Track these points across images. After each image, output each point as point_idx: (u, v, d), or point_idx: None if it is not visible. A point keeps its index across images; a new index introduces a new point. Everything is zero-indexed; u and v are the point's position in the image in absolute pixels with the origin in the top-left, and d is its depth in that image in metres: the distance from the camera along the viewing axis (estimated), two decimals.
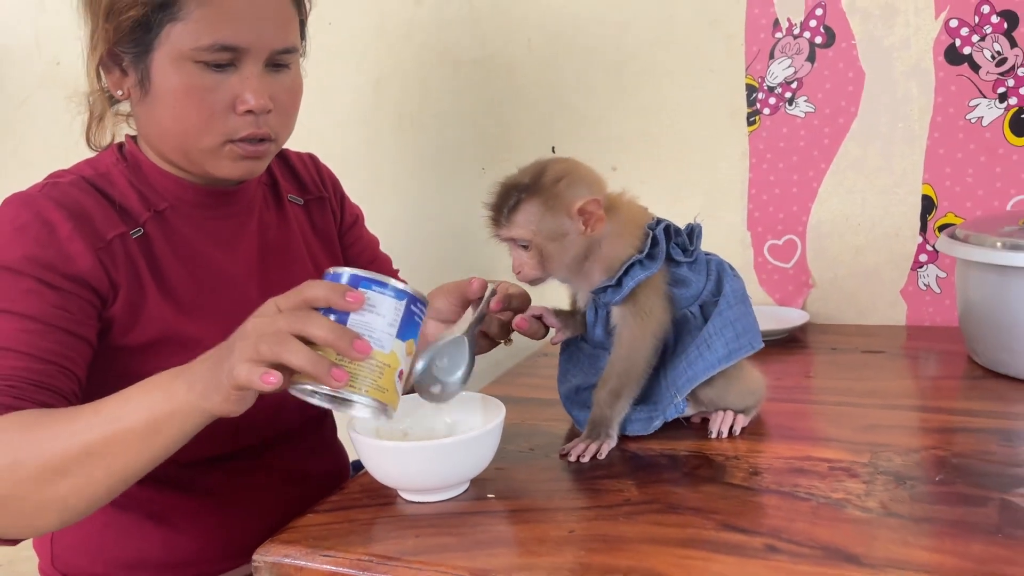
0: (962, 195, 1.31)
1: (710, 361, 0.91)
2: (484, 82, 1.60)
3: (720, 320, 0.92)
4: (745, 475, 0.84)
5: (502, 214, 0.89)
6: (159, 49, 0.89)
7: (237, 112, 0.91)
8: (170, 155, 0.95)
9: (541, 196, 0.88)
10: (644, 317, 0.91)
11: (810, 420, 1.00)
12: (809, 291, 1.44)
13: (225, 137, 0.92)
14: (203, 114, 0.90)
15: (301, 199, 1.13)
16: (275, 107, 0.93)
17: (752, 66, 1.40)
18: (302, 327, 0.69)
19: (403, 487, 0.84)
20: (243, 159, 0.94)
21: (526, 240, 0.89)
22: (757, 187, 1.43)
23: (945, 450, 0.87)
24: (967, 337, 1.16)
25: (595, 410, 0.93)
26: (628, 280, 0.90)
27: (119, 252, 0.91)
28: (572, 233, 0.89)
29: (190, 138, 0.92)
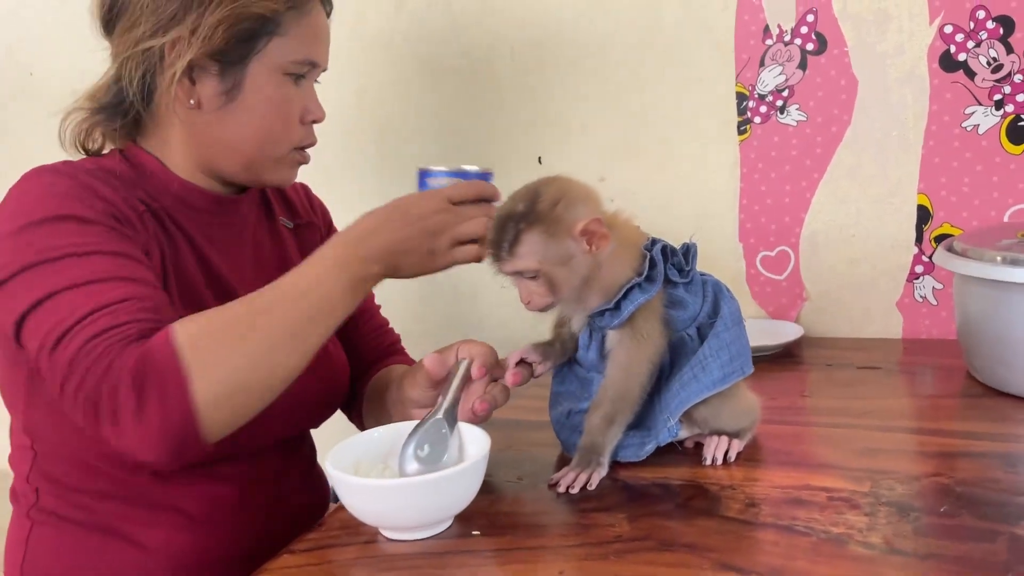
0: (958, 205, 1.28)
1: (705, 383, 0.88)
2: (467, 91, 1.56)
3: (717, 342, 0.89)
4: (741, 507, 0.81)
5: (503, 248, 0.86)
6: (258, 60, 0.93)
7: (304, 122, 0.98)
8: (228, 163, 0.98)
9: (542, 223, 0.84)
10: (641, 341, 0.88)
11: (807, 444, 0.96)
12: (803, 304, 1.40)
13: (295, 145, 0.99)
14: (286, 123, 0.97)
15: (291, 223, 1.14)
16: None
17: (742, 74, 1.37)
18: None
19: (383, 525, 0.80)
20: (297, 165, 1.01)
21: (533, 271, 0.86)
22: (748, 197, 1.40)
23: (948, 477, 0.84)
24: (966, 352, 1.13)
25: (586, 436, 0.90)
26: (627, 304, 0.87)
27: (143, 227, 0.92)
28: (578, 255, 0.86)
29: (268, 145, 0.97)
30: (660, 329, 0.89)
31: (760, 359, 1.27)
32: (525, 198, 0.86)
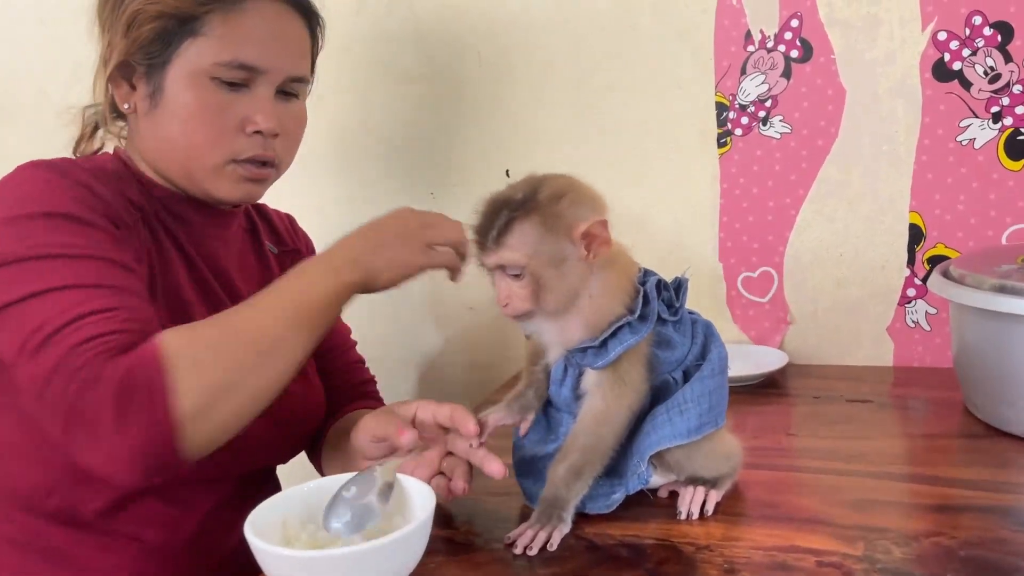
0: (953, 224, 1.20)
1: (680, 430, 0.79)
2: (431, 100, 1.46)
3: (700, 387, 0.81)
4: (719, 573, 0.72)
5: (489, 236, 0.75)
6: (176, 63, 0.89)
7: (246, 132, 0.91)
8: (169, 171, 0.94)
9: (539, 214, 0.74)
10: (622, 388, 0.79)
11: (793, 494, 0.87)
12: (787, 328, 1.31)
13: (230, 156, 0.92)
14: (212, 131, 0.90)
15: (276, 249, 1.12)
16: (282, 133, 0.94)
17: (722, 82, 1.28)
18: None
19: None
20: (245, 181, 0.94)
21: (519, 266, 0.75)
22: (729, 215, 1.31)
23: (951, 537, 0.75)
24: (964, 387, 1.04)
25: (549, 488, 0.80)
26: (615, 344, 0.77)
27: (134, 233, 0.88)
28: (572, 259, 0.76)
29: (195, 155, 0.91)
30: (644, 375, 0.80)
31: (742, 390, 1.18)
32: (525, 187, 0.76)
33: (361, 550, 0.66)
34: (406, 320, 1.57)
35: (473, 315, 1.51)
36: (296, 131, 0.99)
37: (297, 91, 0.97)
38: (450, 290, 1.53)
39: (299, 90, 0.98)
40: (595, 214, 0.76)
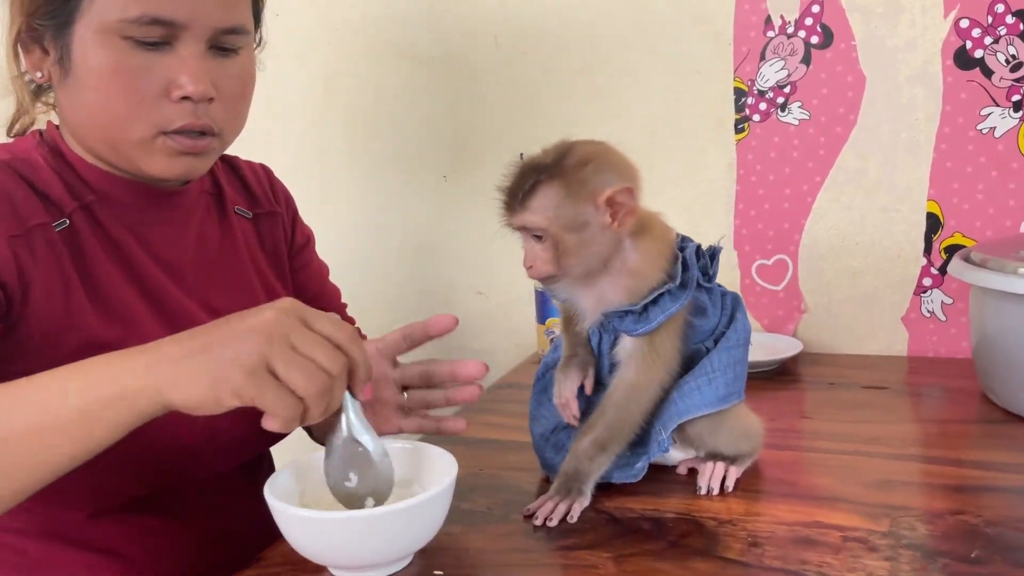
0: (971, 213, 1.19)
1: (708, 398, 0.79)
2: (445, 82, 1.45)
3: (728, 356, 0.81)
4: (743, 547, 0.71)
5: (516, 198, 0.76)
6: (80, 21, 0.76)
7: (172, 99, 0.78)
8: (97, 148, 0.83)
9: (562, 179, 0.74)
10: (656, 360, 0.79)
11: (812, 473, 0.86)
12: (801, 317, 1.31)
13: (157, 128, 0.79)
14: (132, 99, 0.77)
15: (250, 212, 1.00)
16: (219, 96, 0.81)
17: (741, 68, 1.27)
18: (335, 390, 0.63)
19: (330, 563, 0.69)
20: (180, 155, 0.81)
21: (540, 229, 0.75)
22: (745, 201, 1.30)
23: (976, 516, 0.74)
24: (982, 374, 1.03)
25: (570, 461, 0.80)
26: (657, 312, 0.77)
27: (39, 244, 0.77)
28: (595, 225, 0.75)
29: (117, 128, 0.79)
30: (678, 348, 0.80)
31: (755, 375, 1.17)
32: (555, 152, 0.76)
33: (378, 513, 0.65)
34: (414, 305, 1.55)
35: (483, 300, 1.50)
36: (237, 93, 0.85)
37: (235, 44, 0.82)
38: (459, 275, 1.53)
39: (238, 43, 0.83)
40: (621, 181, 0.75)
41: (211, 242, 0.94)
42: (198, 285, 0.90)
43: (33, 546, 0.83)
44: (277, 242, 1.02)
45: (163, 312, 0.84)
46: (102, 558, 0.84)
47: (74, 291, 0.79)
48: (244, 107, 0.87)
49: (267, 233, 1.01)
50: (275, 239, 1.02)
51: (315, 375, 0.60)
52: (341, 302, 1.12)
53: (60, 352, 0.77)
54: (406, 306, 1.56)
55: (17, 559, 0.84)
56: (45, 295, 0.77)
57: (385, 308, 1.54)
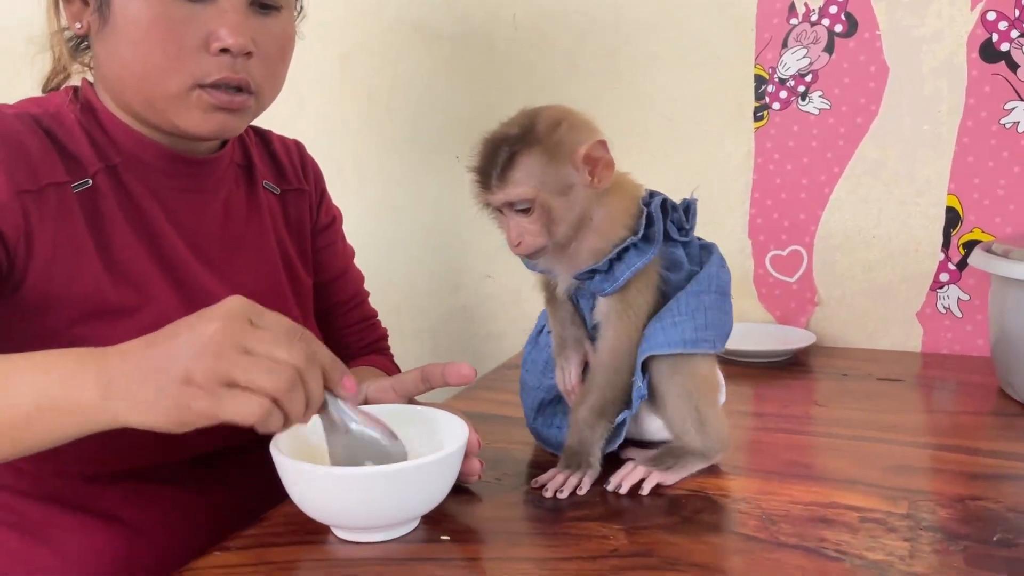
0: (991, 209, 1.18)
1: (673, 338, 0.76)
2: (462, 61, 1.44)
3: (695, 302, 0.77)
4: (759, 524, 0.69)
5: (493, 174, 0.73)
6: None
7: (210, 51, 0.77)
8: (132, 102, 0.81)
9: (541, 145, 0.73)
10: (630, 318, 0.77)
11: (827, 457, 0.85)
12: (814, 309, 1.29)
13: (194, 80, 0.78)
14: (170, 50, 0.76)
15: (278, 188, 0.99)
16: (258, 53, 0.80)
17: (763, 55, 1.26)
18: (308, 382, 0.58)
19: (336, 523, 0.67)
20: (215, 110, 0.80)
21: (528, 200, 0.73)
22: (761, 190, 1.29)
23: (996, 502, 0.72)
24: (1000, 367, 1.02)
25: (572, 434, 0.78)
26: (622, 268, 0.75)
27: (51, 203, 0.76)
28: (578, 186, 0.74)
29: (154, 80, 0.78)
30: (651, 302, 0.77)
31: (767, 365, 1.16)
32: (520, 121, 0.75)
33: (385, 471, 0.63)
34: (422, 287, 1.54)
35: (491, 283, 1.49)
36: (276, 51, 0.84)
37: (277, 3, 0.82)
38: (468, 257, 1.51)
39: (279, 1, 0.83)
40: (592, 137, 0.74)
41: (237, 215, 0.92)
42: (220, 259, 0.88)
43: (31, 507, 0.82)
44: (302, 220, 1.01)
45: (180, 284, 0.83)
46: (101, 521, 0.82)
47: (86, 255, 0.78)
48: (282, 69, 0.86)
49: (293, 210, 1.00)
50: (300, 217, 1.01)
51: (278, 371, 0.55)
52: (363, 288, 1.11)
53: (67, 315, 0.76)
54: (414, 289, 1.54)
55: (15, 518, 0.82)
56: (51, 256, 0.75)
57: (395, 289, 1.53)
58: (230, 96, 0.79)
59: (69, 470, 0.81)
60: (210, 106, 0.79)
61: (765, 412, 1.00)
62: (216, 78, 0.78)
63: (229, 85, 0.79)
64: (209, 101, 0.79)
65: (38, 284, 0.75)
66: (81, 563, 0.81)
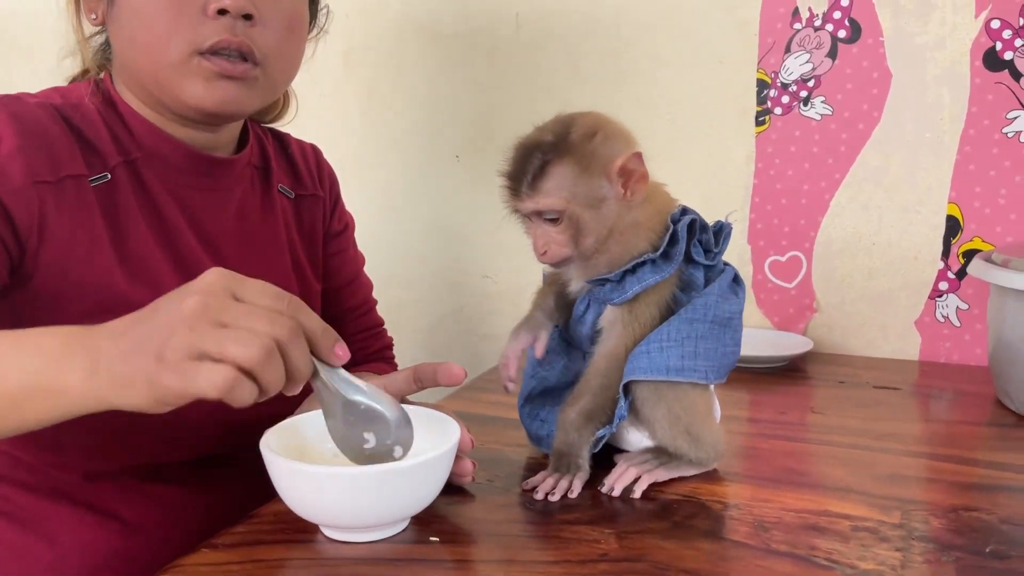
0: (992, 218, 1.17)
1: (657, 364, 0.73)
2: (464, 61, 1.44)
3: (688, 329, 0.74)
4: (750, 530, 0.69)
5: (524, 182, 0.72)
6: None
7: (208, 14, 0.76)
8: (143, 81, 0.81)
9: (574, 155, 0.71)
10: (635, 327, 0.76)
11: (822, 464, 0.84)
12: (812, 316, 1.28)
13: (193, 46, 0.77)
14: (169, 15, 0.76)
15: (293, 193, 0.99)
16: (260, 19, 0.79)
17: (765, 59, 1.25)
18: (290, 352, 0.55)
19: (325, 522, 0.67)
20: (218, 78, 0.78)
21: (558, 211, 0.72)
22: (761, 195, 1.28)
23: (989, 513, 0.72)
24: (998, 377, 1.01)
25: (560, 436, 0.78)
26: (633, 282, 0.74)
27: (69, 195, 0.76)
28: (610, 199, 0.73)
29: (156, 50, 0.77)
30: (658, 317, 0.76)
31: (763, 371, 1.15)
32: (555, 128, 0.73)
33: (375, 471, 0.63)
34: (421, 286, 1.54)
35: (489, 284, 1.48)
36: (280, 20, 0.81)
37: None
38: (467, 257, 1.51)
39: None
40: (628, 148, 0.73)
41: (251, 217, 0.92)
42: (232, 258, 0.88)
43: (28, 499, 0.82)
44: (315, 225, 1.01)
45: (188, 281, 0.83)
46: (98, 517, 0.82)
47: (101, 248, 0.77)
48: (289, 43, 0.84)
49: (306, 216, 1.00)
50: (313, 223, 1.01)
51: (250, 340, 0.52)
52: (372, 296, 1.11)
53: (80, 308, 0.76)
54: (412, 289, 1.54)
55: (10, 508, 0.82)
56: (67, 247, 0.75)
57: (393, 287, 1.52)
58: (232, 64, 0.78)
59: (70, 464, 0.81)
60: (212, 73, 0.78)
61: (761, 418, 1.00)
62: (214, 40, 0.76)
63: (230, 50, 0.77)
64: (210, 68, 0.77)
65: (52, 276, 0.75)
66: (75, 557, 0.81)
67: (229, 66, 0.78)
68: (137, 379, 0.53)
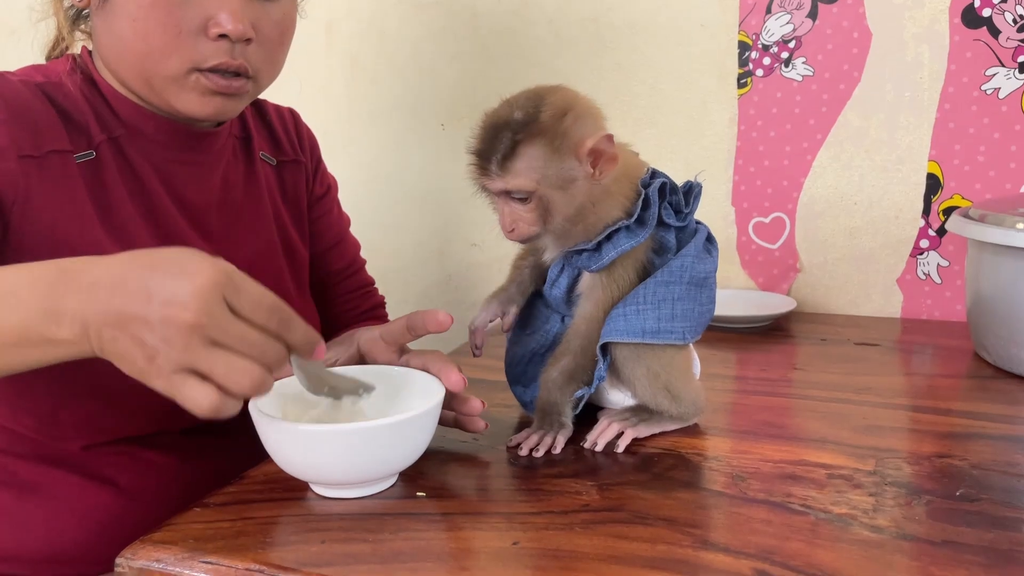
0: (971, 175, 1.18)
1: (633, 327, 0.75)
2: (446, 29, 1.44)
3: (664, 291, 0.76)
4: (727, 480, 0.70)
5: (493, 160, 0.72)
6: None
7: (209, 35, 0.77)
8: (130, 80, 0.81)
9: (545, 136, 0.71)
10: (612, 293, 0.77)
11: (800, 418, 0.86)
12: (796, 276, 1.30)
13: (192, 64, 0.78)
14: (169, 32, 0.76)
15: (274, 159, 1.00)
16: (257, 38, 0.80)
17: (746, 21, 1.26)
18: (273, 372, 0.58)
19: (314, 479, 0.69)
20: (212, 94, 0.80)
21: (527, 191, 0.72)
22: (744, 157, 1.29)
23: (961, 459, 0.74)
24: (975, 331, 1.03)
25: (542, 394, 0.79)
26: (610, 248, 0.75)
27: (53, 169, 0.77)
28: (580, 179, 0.72)
29: (152, 61, 0.78)
30: (635, 279, 0.77)
31: (747, 331, 1.17)
32: (525, 104, 0.72)
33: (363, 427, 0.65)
34: (408, 255, 1.55)
35: (477, 252, 1.50)
36: (276, 37, 0.83)
37: None
38: (454, 226, 1.52)
39: None
40: (598, 129, 0.73)
41: (235, 187, 0.93)
42: (218, 230, 0.89)
43: (24, 467, 0.83)
44: (299, 191, 1.02)
45: None
46: (95, 483, 0.84)
47: (89, 222, 0.78)
48: (282, 53, 0.86)
49: (289, 181, 1.01)
50: (297, 188, 1.02)
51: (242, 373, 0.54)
52: (360, 256, 1.11)
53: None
54: (401, 256, 1.55)
55: (6, 477, 0.83)
56: (53, 222, 0.76)
57: (380, 257, 1.53)
58: (228, 81, 0.80)
59: (68, 436, 0.82)
60: (207, 90, 0.79)
61: (744, 376, 1.01)
62: (214, 63, 0.78)
63: (227, 70, 0.79)
64: (206, 85, 0.79)
65: (40, 251, 0.76)
66: (71, 520, 0.83)
67: (225, 84, 0.80)
68: (125, 361, 0.55)
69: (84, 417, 0.81)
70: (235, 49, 0.79)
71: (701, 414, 0.82)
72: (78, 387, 0.80)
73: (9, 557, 0.83)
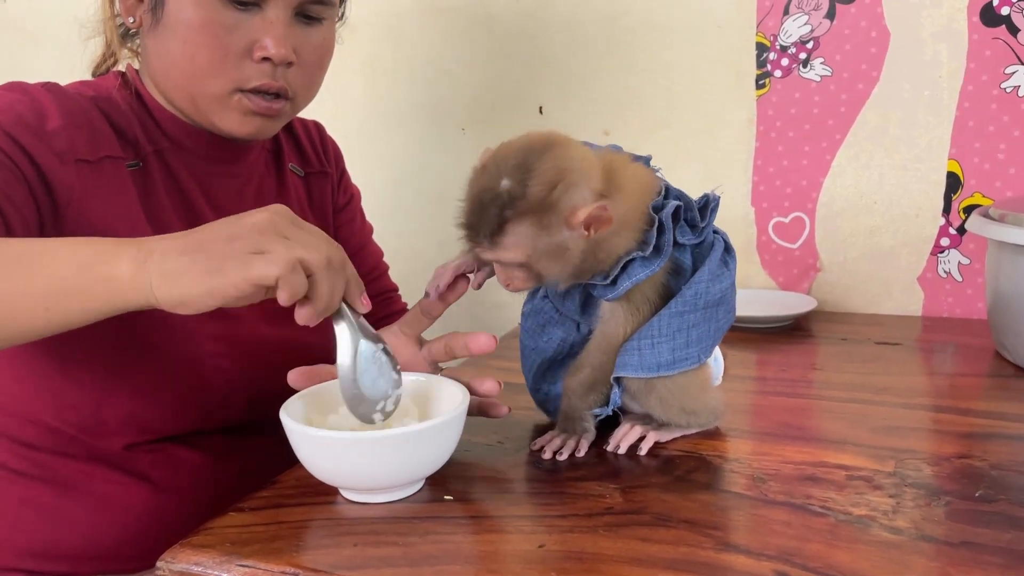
0: (991, 173, 1.18)
1: (648, 362, 0.75)
2: (465, 32, 1.45)
3: (679, 322, 0.75)
4: (748, 482, 0.72)
5: (483, 233, 0.70)
6: None
7: (253, 59, 0.82)
8: (175, 97, 0.86)
9: (534, 212, 0.68)
10: (632, 316, 0.77)
11: (820, 419, 0.87)
12: (816, 275, 1.31)
13: (235, 85, 0.82)
14: (215, 54, 0.81)
15: (302, 171, 1.04)
16: (298, 62, 0.85)
17: (764, 22, 1.26)
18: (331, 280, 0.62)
19: (344, 485, 0.71)
20: (253, 115, 0.85)
21: (518, 263, 0.72)
22: (764, 158, 1.30)
23: (981, 460, 0.75)
24: (996, 330, 1.03)
25: (565, 400, 0.81)
26: (625, 279, 0.74)
27: (108, 175, 0.81)
28: (573, 244, 0.70)
29: (198, 80, 0.83)
30: (656, 303, 0.77)
31: (768, 331, 1.18)
32: (514, 173, 0.68)
33: (390, 435, 0.66)
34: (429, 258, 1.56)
35: None
36: (315, 61, 0.87)
37: (320, 15, 0.86)
38: None
39: (322, 13, 0.86)
40: (592, 195, 0.70)
41: (268, 198, 0.97)
42: None
43: (64, 464, 0.86)
44: (324, 201, 1.05)
45: None
46: (132, 480, 0.86)
47: (140, 225, 0.83)
48: (320, 76, 0.90)
49: (316, 192, 1.04)
50: (323, 198, 1.05)
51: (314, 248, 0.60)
52: (382, 263, 1.14)
53: None
54: (422, 258, 1.56)
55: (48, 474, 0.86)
56: (106, 223, 0.80)
57: (404, 258, 1.55)
58: (268, 103, 0.84)
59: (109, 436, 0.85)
60: (248, 110, 0.84)
61: (764, 376, 1.02)
62: (256, 84, 0.82)
63: (268, 92, 0.83)
64: (248, 105, 0.83)
65: None
66: (109, 517, 0.86)
67: (266, 105, 0.84)
68: (193, 270, 0.58)
69: (126, 416, 0.84)
70: (276, 72, 0.83)
71: (720, 419, 0.83)
72: (122, 385, 0.83)
73: (49, 554, 0.86)
